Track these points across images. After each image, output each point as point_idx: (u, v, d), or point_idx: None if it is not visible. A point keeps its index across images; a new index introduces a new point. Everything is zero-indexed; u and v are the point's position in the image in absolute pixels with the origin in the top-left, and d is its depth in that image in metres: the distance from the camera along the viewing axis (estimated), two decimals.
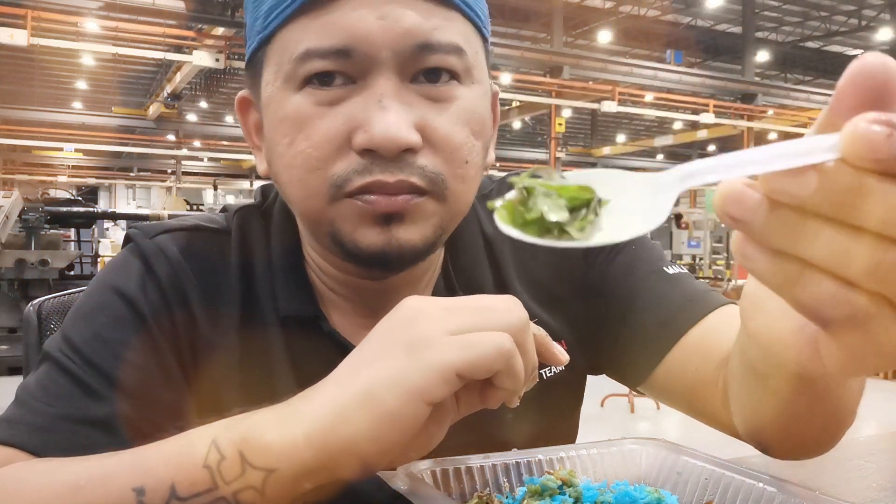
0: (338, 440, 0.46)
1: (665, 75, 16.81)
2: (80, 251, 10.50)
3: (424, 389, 0.46)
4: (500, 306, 0.50)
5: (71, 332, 0.67)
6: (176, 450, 0.51)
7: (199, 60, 13.25)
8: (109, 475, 0.51)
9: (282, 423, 0.49)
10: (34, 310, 0.94)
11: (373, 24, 0.60)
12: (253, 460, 0.48)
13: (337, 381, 0.49)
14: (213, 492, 0.48)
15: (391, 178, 0.60)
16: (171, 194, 21.46)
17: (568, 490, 0.54)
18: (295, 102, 0.62)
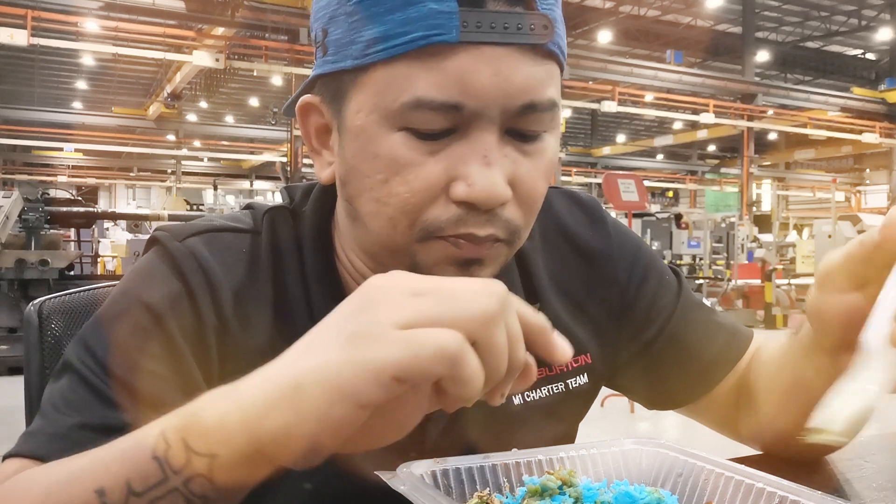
0: (268, 430, 0.44)
1: (665, 75, 16.81)
2: (80, 251, 10.50)
3: (355, 391, 0.42)
4: (465, 293, 0.44)
5: (91, 340, 0.66)
6: (129, 444, 0.50)
7: (199, 60, 13.25)
8: (73, 478, 0.51)
9: (219, 406, 0.47)
10: (35, 310, 0.94)
11: (487, 81, 0.59)
12: (195, 446, 0.46)
13: (280, 366, 0.46)
14: (166, 483, 0.47)
15: (481, 231, 0.62)
16: (171, 194, 21.47)
17: (568, 490, 0.54)
18: (393, 143, 0.61)
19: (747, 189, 18.31)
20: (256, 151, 23.49)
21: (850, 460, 0.79)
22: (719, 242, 15.57)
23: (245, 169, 27.47)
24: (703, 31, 20.27)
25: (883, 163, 23.70)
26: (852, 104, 19.40)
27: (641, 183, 8.79)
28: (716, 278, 13.65)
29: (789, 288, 12.84)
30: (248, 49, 14.12)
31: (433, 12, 0.58)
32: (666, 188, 28.57)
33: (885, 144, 19.72)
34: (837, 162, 27.91)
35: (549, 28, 0.61)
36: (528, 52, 0.60)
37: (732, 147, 24.22)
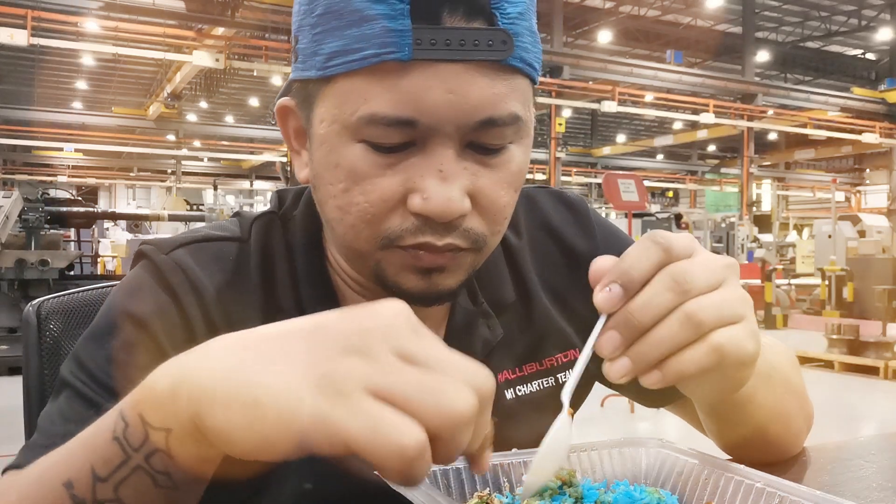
0: (212, 423, 0.42)
1: (665, 75, 16.82)
2: (80, 251, 10.51)
3: (305, 439, 0.40)
4: (450, 385, 0.41)
5: (84, 356, 0.67)
6: (91, 432, 0.49)
7: (199, 60, 13.26)
8: (43, 475, 0.50)
9: (172, 376, 0.45)
10: (33, 310, 0.94)
11: (441, 98, 0.59)
12: (151, 420, 0.45)
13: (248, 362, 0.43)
14: (128, 463, 0.46)
15: (439, 241, 0.63)
16: (171, 194, 21.47)
17: (568, 490, 0.54)
18: (353, 155, 0.62)
19: (747, 189, 18.31)
20: (256, 151, 23.49)
21: (850, 460, 0.79)
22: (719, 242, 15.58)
23: (245, 169, 27.48)
24: (703, 31, 20.27)
25: (883, 163, 23.70)
26: (852, 104, 19.41)
27: (641, 183, 8.80)
28: None
29: (789, 288, 12.85)
30: (248, 49, 14.13)
31: (386, 30, 0.58)
32: (666, 188, 28.57)
33: (885, 144, 19.73)
34: (837, 162, 27.92)
35: (509, 43, 0.60)
36: (486, 67, 0.60)
37: (732, 147, 24.22)
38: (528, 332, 0.80)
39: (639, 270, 0.52)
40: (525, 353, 0.80)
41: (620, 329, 0.52)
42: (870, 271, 10.86)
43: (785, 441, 0.78)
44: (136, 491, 0.46)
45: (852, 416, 5.96)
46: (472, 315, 0.77)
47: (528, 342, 0.80)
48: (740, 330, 0.53)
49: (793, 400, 0.77)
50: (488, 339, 0.77)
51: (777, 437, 0.77)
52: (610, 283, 0.53)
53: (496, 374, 0.77)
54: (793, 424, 0.78)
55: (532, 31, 0.63)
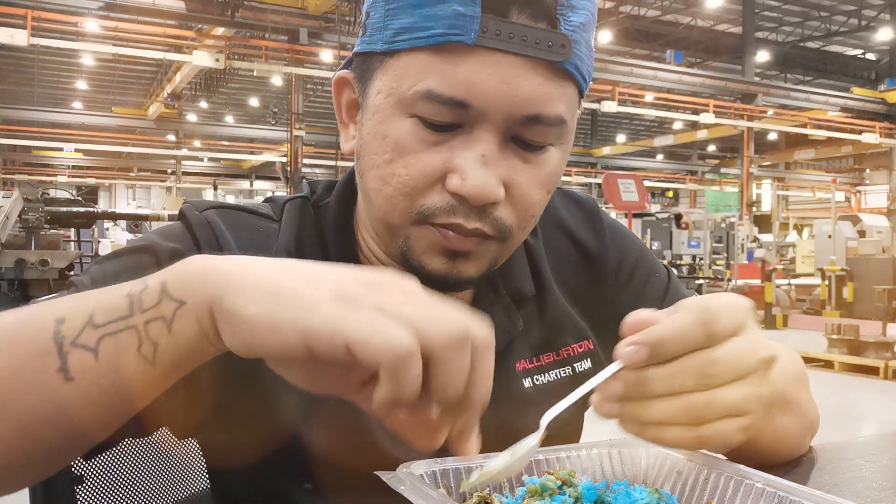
0: (229, 303, 0.45)
1: (665, 75, 16.83)
2: (80, 251, 10.50)
3: (311, 335, 0.43)
4: (442, 313, 0.45)
5: (94, 268, 0.70)
6: (106, 289, 0.51)
7: (199, 60, 13.27)
8: (38, 310, 0.51)
9: (211, 262, 0.48)
10: None
11: (494, 86, 0.62)
12: (171, 290, 0.48)
13: (279, 264, 0.48)
14: (127, 319, 0.48)
15: (469, 224, 0.65)
16: (171, 194, 21.48)
17: (568, 490, 0.54)
18: (402, 128, 0.65)
19: (747, 189, 18.32)
20: (256, 151, 23.51)
21: (850, 460, 0.80)
22: (719, 242, 15.60)
23: (245, 169, 27.49)
24: (703, 31, 20.29)
25: (883, 163, 23.72)
26: (852, 104, 19.42)
27: (641, 183, 8.80)
28: (716, 278, 13.66)
29: (789, 288, 12.85)
30: (248, 49, 14.15)
31: (456, 13, 0.61)
32: (666, 188, 28.60)
33: (885, 144, 19.74)
34: (837, 162, 27.94)
35: (568, 48, 0.63)
36: (542, 66, 0.63)
37: (732, 147, 24.25)
38: (545, 324, 0.81)
39: (673, 346, 0.51)
40: (542, 344, 0.81)
41: (629, 387, 0.53)
42: (870, 271, 10.87)
43: (777, 454, 0.78)
44: (116, 347, 0.48)
45: (852, 416, 5.96)
46: (493, 306, 0.79)
47: (545, 333, 0.82)
48: (734, 425, 0.52)
49: (790, 420, 0.76)
50: (508, 330, 0.78)
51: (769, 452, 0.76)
52: (640, 345, 0.52)
53: (514, 364, 0.79)
54: (787, 441, 0.78)
55: (589, 46, 0.67)
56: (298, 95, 15.29)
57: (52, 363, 0.48)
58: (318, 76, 15.11)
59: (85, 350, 0.48)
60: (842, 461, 0.80)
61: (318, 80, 17.24)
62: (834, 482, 0.72)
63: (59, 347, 0.48)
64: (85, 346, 0.48)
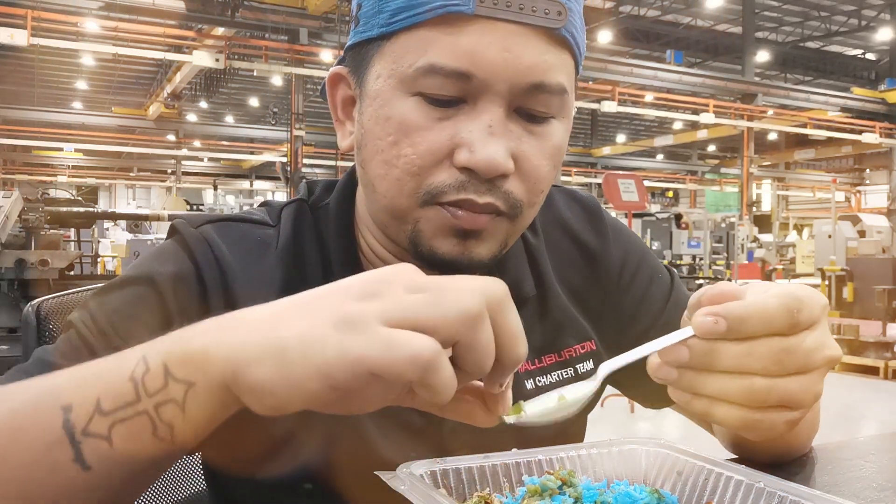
0: (245, 379, 0.44)
1: (665, 75, 16.82)
2: (80, 251, 10.49)
3: (331, 375, 0.42)
4: (452, 293, 0.44)
5: (93, 303, 0.69)
6: (107, 365, 0.49)
7: (199, 60, 13.26)
8: (42, 395, 0.50)
9: (206, 337, 0.46)
10: (33, 310, 0.94)
11: (497, 55, 0.62)
12: (175, 371, 0.46)
13: (273, 318, 0.46)
14: (136, 405, 0.46)
15: (480, 199, 0.65)
16: (171, 194, 21.48)
17: (568, 490, 0.54)
18: (406, 107, 0.65)
19: (747, 189, 18.31)
20: (256, 151, 23.50)
21: (850, 460, 0.79)
22: (719, 242, 15.60)
23: (245, 169, 27.48)
24: (703, 31, 20.28)
25: (883, 163, 23.71)
26: (852, 104, 19.42)
27: (641, 183, 8.80)
28: (716, 278, 13.65)
29: None
30: (248, 49, 14.14)
31: None
32: (666, 188, 28.58)
33: (885, 144, 19.73)
34: (837, 162, 27.92)
35: (564, 15, 0.64)
36: (541, 34, 0.64)
37: (732, 147, 24.23)
38: (547, 325, 0.81)
39: (753, 326, 0.50)
40: (544, 345, 0.81)
41: (694, 356, 0.52)
42: (870, 271, 10.86)
43: (789, 454, 0.79)
44: (130, 434, 0.46)
45: (852, 416, 5.96)
46: None
47: (547, 334, 0.81)
48: (785, 417, 0.52)
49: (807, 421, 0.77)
50: None
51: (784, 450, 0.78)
52: (720, 318, 0.51)
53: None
54: (800, 441, 0.79)
55: (581, 17, 0.68)
56: (298, 95, 15.29)
57: (67, 453, 0.47)
58: (318, 76, 15.10)
59: (98, 439, 0.47)
60: (842, 461, 0.80)
61: (318, 80, 17.20)
62: (834, 482, 0.72)
63: (70, 437, 0.47)
64: (97, 434, 0.47)
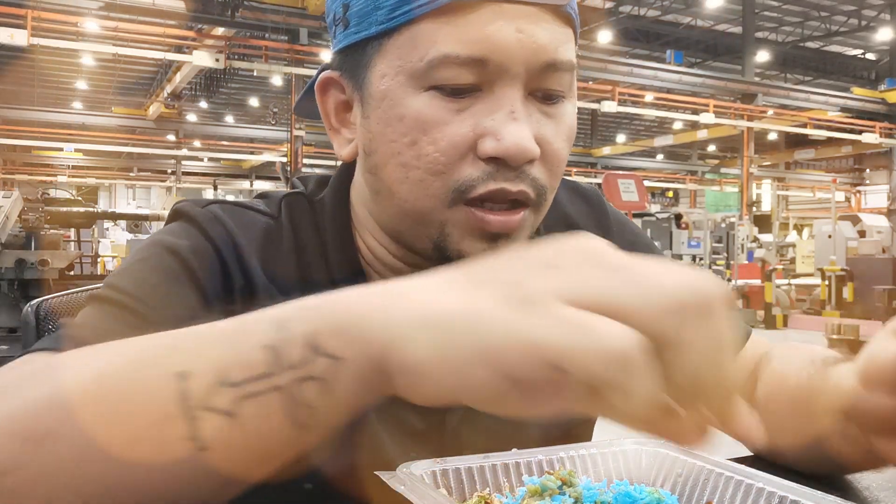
0: (401, 357, 0.38)
1: (665, 75, 16.82)
2: (80, 251, 10.50)
3: (504, 362, 0.35)
4: (657, 276, 0.36)
5: (115, 280, 0.65)
6: (233, 327, 0.42)
7: (199, 60, 13.26)
8: (143, 359, 0.43)
9: (362, 308, 0.40)
10: (32, 310, 0.94)
11: (511, 36, 0.60)
12: (322, 343, 0.39)
13: (422, 293, 0.39)
14: (270, 378, 0.39)
15: (513, 187, 0.62)
16: (171, 194, 21.47)
17: (568, 490, 0.54)
18: (420, 103, 0.62)
19: (747, 189, 18.31)
20: (256, 151, 23.49)
21: None
22: (719, 242, 15.59)
23: (245, 169, 27.47)
24: (703, 31, 20.27)
25: (883, 163, 23.71)
26: (852, 104, 19.41)
27: (641, 183, 8.80)
28: None
29: (789, 288, 12.84)
30: (248, 49, 14.14)
31: None
32: (666, 188, 28.57)
33: (885, 144, 19.73)
34: (837, 162, 27.92)
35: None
36: (547, 11, 0.62)
37: (732, 147, 24.23)
38: None
39: None
40: None
41: None
42: (870, 271, 10.86)
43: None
44: (260, 412, 0.39)
45: None
46: None
47: None
48: None
49: None
50: None
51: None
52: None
53: None
54: None
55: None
56: (298, 95, 15.28)
57: (180, 429, 0.39)
58: None
59: (220, 414, 0.39)
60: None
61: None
62: (834, 482, 0.72)
63: (186, 410, 0.39)
64: (220, 409, 0.39)
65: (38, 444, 0.40)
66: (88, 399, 0.41)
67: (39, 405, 0.42)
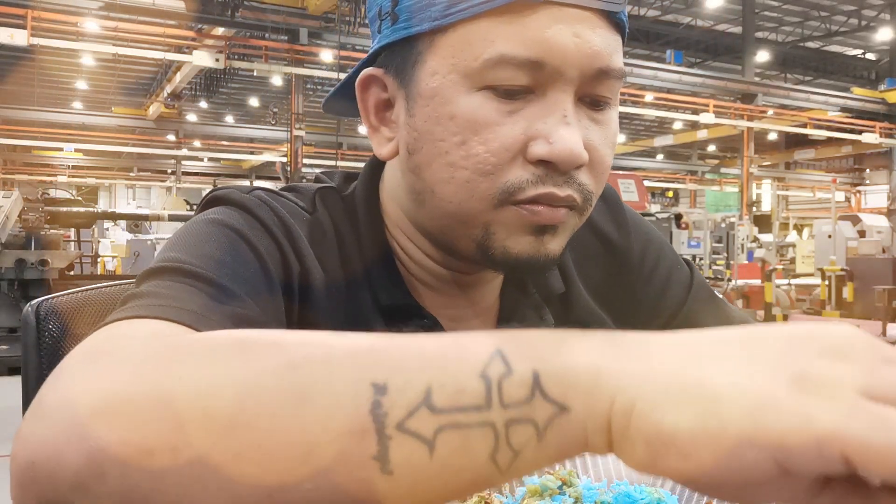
0: (648, 423, 0.33)
1: (665, 75, 16.81)
2: (80, 251, 10.50)
3: (783, 446, 0.31)
4: None
5: (177, 255, 0.59)
6: (439, 348, 0.37)
7: (199, 60, 13.26)
8: (336, 357, 0.37)
9: (598, 353, 0.35)
10: (33, 310, 0.94)
11: (568, 40, 0.60)
12: (548, 387, 0.34)
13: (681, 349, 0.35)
14: (482, 411, 0.35)
15: (561, 192, 0.62)
16: (171, 194, 21.47)
17: (568, 490, 0.54)
18: (473, 103, 0.61)
19: (747, 189, 18.31)
20: (256, 151, 23.49)
21: None
22: (719, 242, 15.57)
23: (245, 169, 27.47)
24: (703, 31, 20.28)
25: (883, 163, 23.71)
26: (852, 104, 19.42)
27: (641, 183, 8.81)
28: (716, 278, 13.64)
29: (789, 288, 12.84)
30: (248, 49, 14.14)
31: None
32: (666, 188, 28.57)
33: (885, 144, 19.73)
34: (837, 162, 27.92)
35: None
36: (602, 17, 0.62)
37: (732, 147, 24.22)
38: (572, 322, 0.80)
39: None
40: None
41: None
42: (870, 271, 10.86)
43: None
44: (462, 446, 0.35)
45: None
46: (523, 305, 0.77)
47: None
48: None
49: None
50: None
51: None
52: None
53: None
54: None
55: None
56: (298, 95, 15.28)
57: (368, 446, 0.35)
58: (318, 76, 15.10)
59: (416, 439, 0.35)
60: None
61: (318, 80, 17.22)
62: None
63: (379, 427, 0.35)
64: (416, 434, 0.35)
65: (200, 431, 0.36)
66: (268, 391, 0.37)
67: (207, 388, 0.37)
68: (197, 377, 0.38)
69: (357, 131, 20.97)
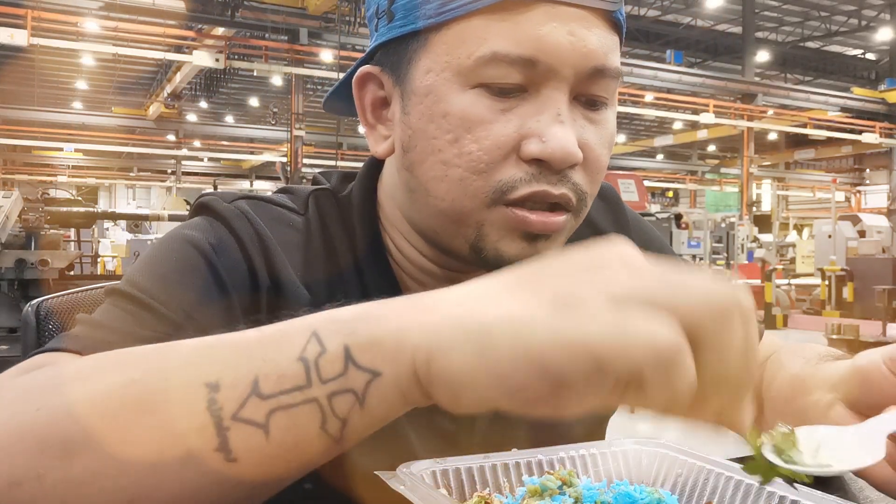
0: (440, 368, 0.38)
1: (665, 75, 16.80)
2: (80, 251, 10.50)
3: (547, 362, 0.35)
4: (696, 280, 0.37)
5: (135, 275, 0.64)
6: (265, 337, 0.41)
7: (199, 60, 13.26)
8: (174, 367, 0.42)
9: (397, 321, 0.40)
10: (32, 310, 0.94)
11: (563, 38, 0.60)
12: (358, 357, 0.39)
13: (458, 303, 0.39)
14: (304, 390, 0.39)
15: (555, 190, 0.62)
16: (171, 194, 21.47)
17: (568, 490, 0.54)
18: (465, 101, 0.61)
19: (747, 189, 18.31)
20: (256, 151, 23.49)
21: None
22: (719, 242, 15.57)
23: (245, 169, 27.48)
24: (703, 31, 20.27)
25: (883, 163, 23.70)
26: (852, 104, 19.41)
27: (641, 183, 8.80)
28: None
29: (789, 288, 12.84)
30: (248, 49, 14.14)
31: None
32: (666, 188, 28.58)
33: (885, 144, 19.72)
34: (837, 162, 27.91)
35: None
36: (598, 16, 0.62)
37: (732, 147, 24.22)
38: None
39: None
40: None
41: None
42: (870, 271, 10.86)
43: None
44: (293, 424, 0.39)
45: None
46: None
47: None
48: None
49: None
50: None
51: None
52: None
53: None
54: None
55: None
56: (298, 95, 15.29)
57: (210, 441, 0.39)
58: (318, 76, 15.09)
59: (251, 426, 0.39)
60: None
61: (318, 80, 17.22)
62: (834, 482, 0.72)
63: (216, 421, 0.39)
64: (251, 421, 0.39)
65: (58, 455, 0.39)
66: (113, 409, 0.40)
67: (60, 414, 0.41)
68: (53, 405, 0.41)
69: (357, 131, 20.97)
